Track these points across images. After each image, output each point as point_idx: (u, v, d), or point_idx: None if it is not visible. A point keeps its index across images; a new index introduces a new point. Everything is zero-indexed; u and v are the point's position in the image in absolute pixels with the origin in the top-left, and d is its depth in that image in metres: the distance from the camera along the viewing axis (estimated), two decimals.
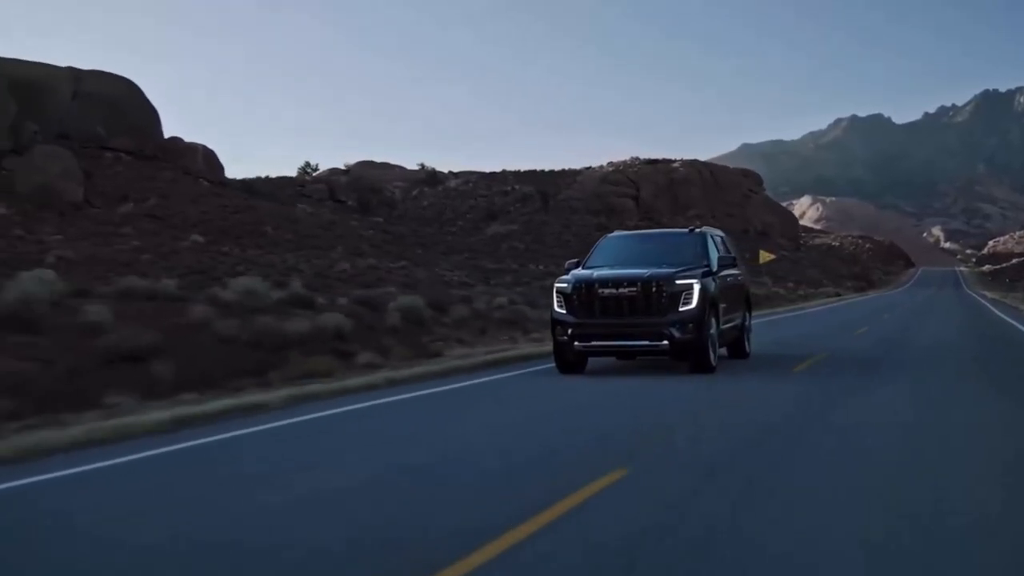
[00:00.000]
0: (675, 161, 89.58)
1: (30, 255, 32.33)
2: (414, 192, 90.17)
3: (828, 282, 77.92)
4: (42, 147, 49.13)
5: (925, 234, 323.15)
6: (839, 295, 66.30)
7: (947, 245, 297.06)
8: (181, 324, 11.83)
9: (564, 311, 13.01)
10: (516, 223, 78.76)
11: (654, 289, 12.58)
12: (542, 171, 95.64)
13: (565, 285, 13.16)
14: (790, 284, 62.78)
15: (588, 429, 8.27)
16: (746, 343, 15.68)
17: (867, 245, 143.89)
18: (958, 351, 17.85)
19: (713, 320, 13.03)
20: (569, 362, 13.24)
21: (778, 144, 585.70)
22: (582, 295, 12.86)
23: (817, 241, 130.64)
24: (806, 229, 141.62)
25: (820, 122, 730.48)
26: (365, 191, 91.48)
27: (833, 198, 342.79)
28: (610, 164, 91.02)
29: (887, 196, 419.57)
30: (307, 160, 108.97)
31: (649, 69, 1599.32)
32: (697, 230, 15.12)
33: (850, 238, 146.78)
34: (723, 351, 14.50)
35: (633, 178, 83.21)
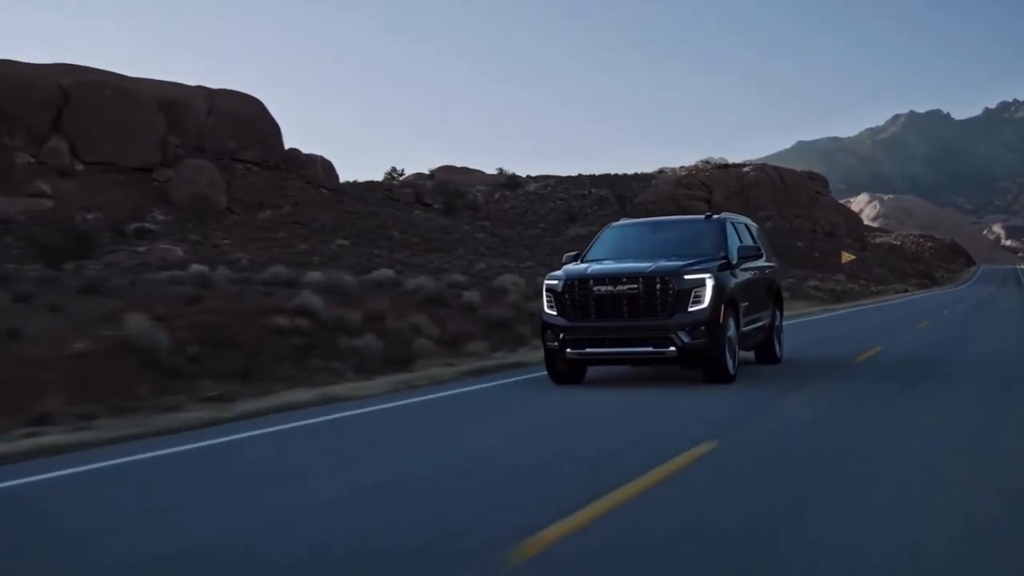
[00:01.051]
0: (745, 165, 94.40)
1: (218, 256, 38.18)
2: (496, 196, 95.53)
3: (894, 279, 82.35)
4: (191, 160, 55.40)
5: (985, 231, 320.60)
6: (906, 291, 70.97)
7: (1008, 243, 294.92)
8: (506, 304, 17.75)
9: (554, 312, 11.47)
10: (595, 224, 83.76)
11: (659, 286, 11.02)
12: (616, 175, 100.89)
13: (555, 282, 11.60)
14: (862, 281, 67.33)
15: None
16: (776, 346, 14.11)
17: (928, 244, 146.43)
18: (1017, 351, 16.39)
19: (731, 321, 11.45)
20: (562, 372, 11.74)
21: (835, 141, 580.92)
22: (575, 293, 11.31)
23: (879, 240, 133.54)
24: (867, 228, 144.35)
25: (877, 118, 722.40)
26: (450, 195, 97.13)
27: (891, 195, 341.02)
28: (682, 168, 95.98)
29: (946, 193, 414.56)
30: (392, 166, 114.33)
31: (702, 66, 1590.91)
32: (716, 216, 13.39)
33: (911, 237, 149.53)
34: (750, 355, 13.52)
35: (706, 182, 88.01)
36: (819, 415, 9.16)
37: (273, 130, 64.50)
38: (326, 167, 65.22)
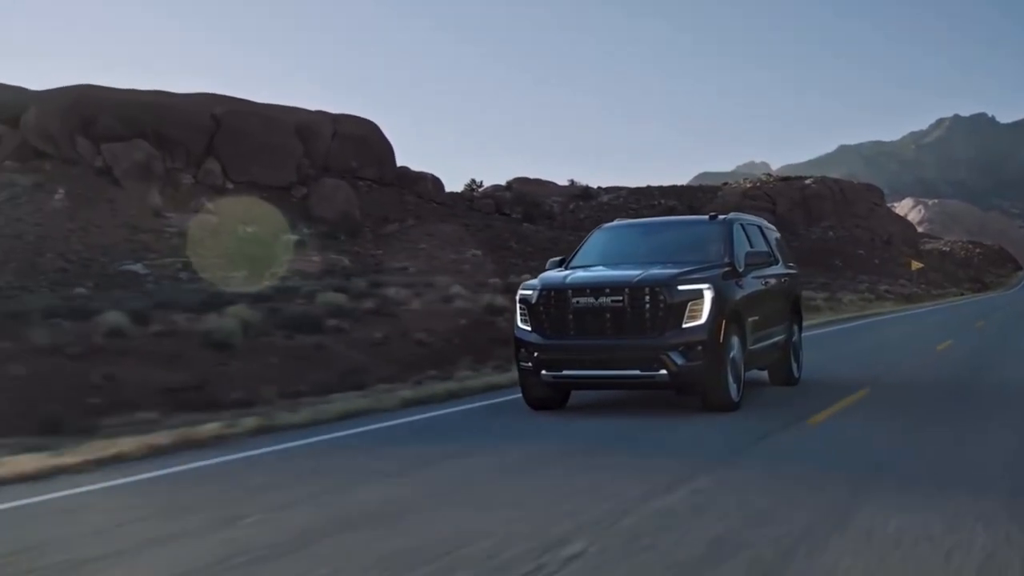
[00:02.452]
0: (808, 178, 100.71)
1: (380, 265, 45.34)
2: (571, 206, 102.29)
3: (949, 284, 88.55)
4: (328, 179, 62.93)
5: None
6: (962, 294, 77.62)
7: None
8: None
9: (528, 328, 10.04)
10: None
11: (647, 298, 9.50)
12: (683, 186, 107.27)
13: (529, 292, 10.17)
14: (923, 285, 73.68)
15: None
16: (794, 365, 12.47)
17: (977, 249, 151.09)
18: None
19: (734, 339, 9.94)
20: (539, 397, 10.33)
21: (878, 145, 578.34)
22: (551, 306, 9.88)
23: (929, 246, 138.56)
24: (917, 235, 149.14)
25: (921, 122, 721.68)
26: (528, 205, 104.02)
27: (936, 200, 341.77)
28: (746, 180, 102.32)
29: (991, 198, 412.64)
30: (472, 177, 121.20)
31: (740, 68, 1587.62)
32: (723, 216, 11.74)
33: (961, 243, 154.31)
34: (763, 374, 12.11)
35: (770, 193, 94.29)
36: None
37: (387, 150, 71.82)
38: (435, 182, 72.53)
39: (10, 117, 61.42)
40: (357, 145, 69.32)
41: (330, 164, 67.49)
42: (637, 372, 9.60)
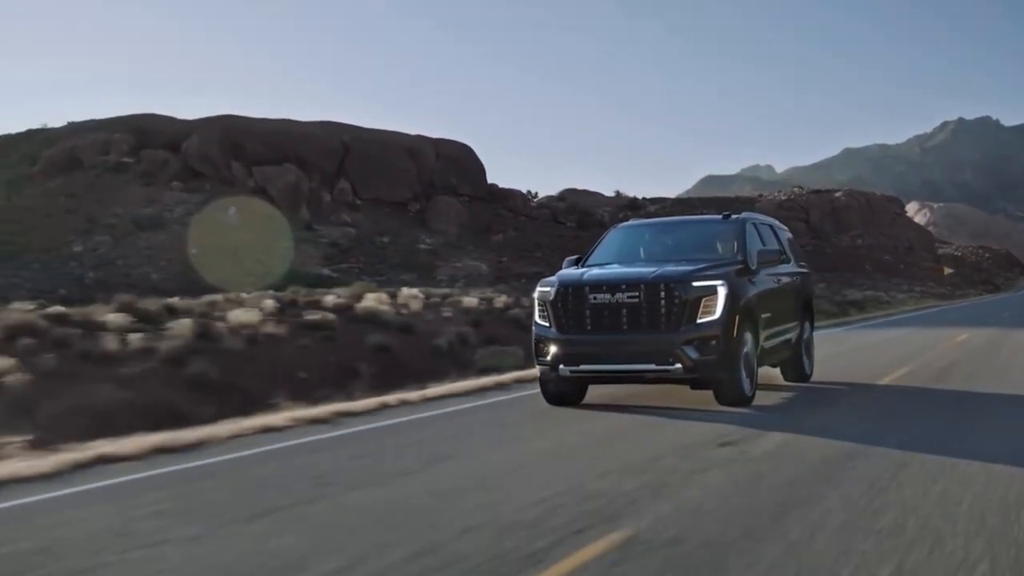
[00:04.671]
0: (837, 191, 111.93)
1: (510, 271, 55.87)
2: (620, 215, 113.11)
3: (966, 286, 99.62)
4: (442, 197, 73.82)
5: None
6: (980, 295, 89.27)
7: None
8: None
9: (546, 324, 10.13)
10: None
11: (662, 294, 9.53)
12: (724, 197, 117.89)
13: (547, 289, 10.19)
14: (947, 287, 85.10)
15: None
16: (805, 362, 12.78)
17: (986, 254, 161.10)
18: None
19: (748, 335, 9.96)
20: (557, 392, 10.43)
21: (883, 148, 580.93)
22: (568, 303, 9.92)
23: (942, 251, 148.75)
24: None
25: (926, 125, 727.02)
26: (581, 214, 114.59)
27: (941, 203, 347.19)
28: (780, 191, 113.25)
29: (997, 200, 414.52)
30: (528, 188, 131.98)
31: (743, 71, 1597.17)
32: (735, 216, 11.85)
33: (971, 248, 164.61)
34: (776, 371, 12.33)
35: (803, 205, 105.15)
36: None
37: (480, 169, 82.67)
38: (523, 197, 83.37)
39: (168, 143, 72.47)
40: (455, 165, 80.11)
41: (434, 182, 78.32)
42: (652, 366, 9.62)
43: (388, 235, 67.52)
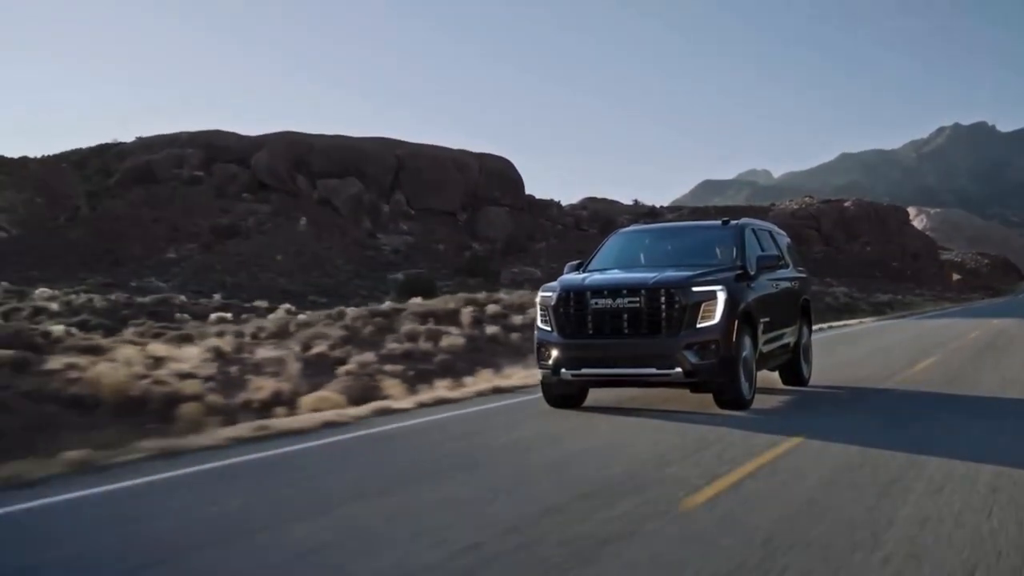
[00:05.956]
0: (846, 201, 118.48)
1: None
2: (640, 223, 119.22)
3: (968, 291, 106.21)
4: (491, 207, 79.93)
5: None
6: (983, 298, 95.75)
7: None
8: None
9: (548, 328, 10.29)
10: None
11: (663, 299, 9.65)
12: (738, 206, 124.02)
13: (549, 294, 10.35)
14: (953, 291, 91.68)
15: None
16: (803, 366, 12.72)
17: (985, 260, 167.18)
18: None
19: (747, 339, 10.14)
20: (559, 395, 10.60)
21: (879, 153, 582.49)
22: (570, 308, 10.05)
23: (943, 258, 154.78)
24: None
25: (922, 131, 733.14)
26: (604, 222, 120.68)
27: (938, 209, 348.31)
28: (792, 201, 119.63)
29: (993, 206, 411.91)
30: (551, 197, 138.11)
31: (741, 77, 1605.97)
32: (734, 222, 11.82)
33: (971, 254, 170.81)
34: (774, 375, 12.42)
35: (815, 214, 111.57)
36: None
37: (519, 181, 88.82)
38: (559, 207, 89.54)
39: (235, 158, 78.47)
40: (497, 177, 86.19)
41: (478, 193, 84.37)
42: (653, 370, 9.70)
43: (442, 243, 73.52)
